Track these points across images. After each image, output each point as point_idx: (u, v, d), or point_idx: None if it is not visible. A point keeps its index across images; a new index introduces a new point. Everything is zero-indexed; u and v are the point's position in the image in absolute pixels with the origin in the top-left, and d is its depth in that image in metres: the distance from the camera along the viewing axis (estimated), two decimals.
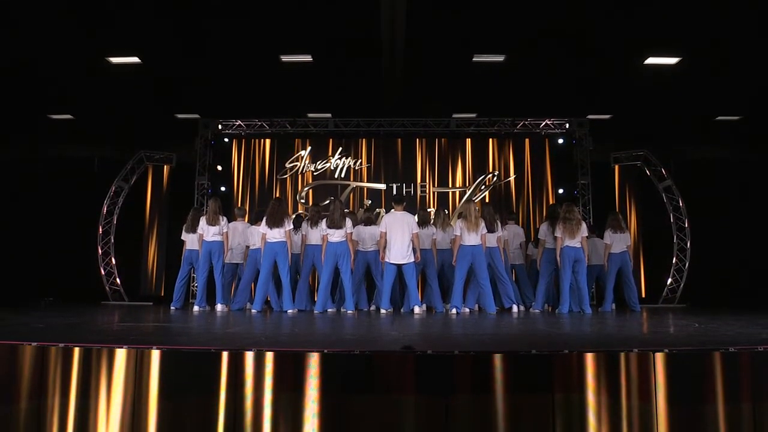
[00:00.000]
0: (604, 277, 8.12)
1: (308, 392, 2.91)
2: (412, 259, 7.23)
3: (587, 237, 7.53)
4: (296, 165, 10.93)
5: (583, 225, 7.47)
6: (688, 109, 10.13)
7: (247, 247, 7.99)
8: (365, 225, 7.77)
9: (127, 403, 2.97)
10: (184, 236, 8.06)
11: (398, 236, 7.15)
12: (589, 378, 2.94)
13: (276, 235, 7.22)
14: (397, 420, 2.89)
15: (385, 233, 7.25)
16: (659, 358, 2.98)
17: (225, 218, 7.87)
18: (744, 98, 9.65)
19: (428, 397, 2.91)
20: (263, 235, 7.28)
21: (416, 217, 7.63)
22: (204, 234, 7.76)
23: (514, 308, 7.40)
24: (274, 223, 7.21)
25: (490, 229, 7.46)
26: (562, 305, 7.44)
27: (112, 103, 10.02)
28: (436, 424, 2.89)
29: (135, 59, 8.35)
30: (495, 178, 10.86)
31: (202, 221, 7.80)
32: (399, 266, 7.24)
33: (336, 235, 7.24)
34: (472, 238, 7.15)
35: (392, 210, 7.41)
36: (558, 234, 7.42)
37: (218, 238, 7.77)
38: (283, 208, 7.46)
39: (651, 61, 8.45)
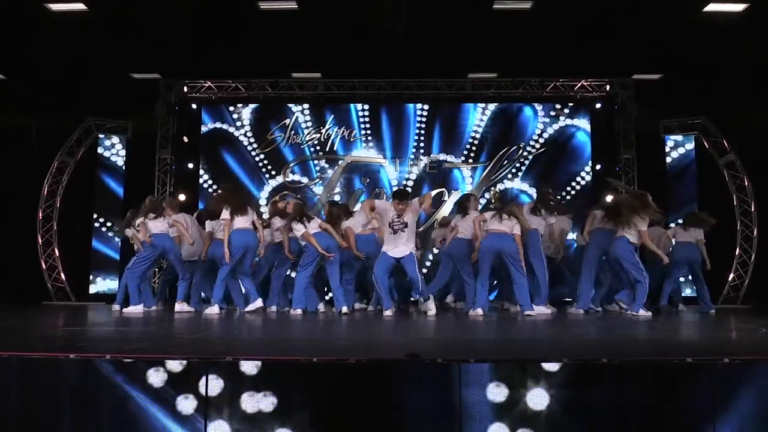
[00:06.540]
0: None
1: (293, 409, 2.91)
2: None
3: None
4: (279, 136, 10.87)
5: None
6: (756, 66, 10.04)
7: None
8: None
9: (73, 423, 2.97)
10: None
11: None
12: (633, 392, 2.95)
13: (243, 223, 7.35)
14: None
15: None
16: (718, 368, 2.99)
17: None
18: None
19: (437, 415, 2.92)
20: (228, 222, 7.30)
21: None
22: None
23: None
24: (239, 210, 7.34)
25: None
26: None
27: (53, 60, 9.94)
28: None
29: (80, 6, 8.28)
30: (520, 151, 10.79)
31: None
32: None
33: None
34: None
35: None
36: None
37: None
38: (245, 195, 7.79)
39: (711, 7, 8.37)
